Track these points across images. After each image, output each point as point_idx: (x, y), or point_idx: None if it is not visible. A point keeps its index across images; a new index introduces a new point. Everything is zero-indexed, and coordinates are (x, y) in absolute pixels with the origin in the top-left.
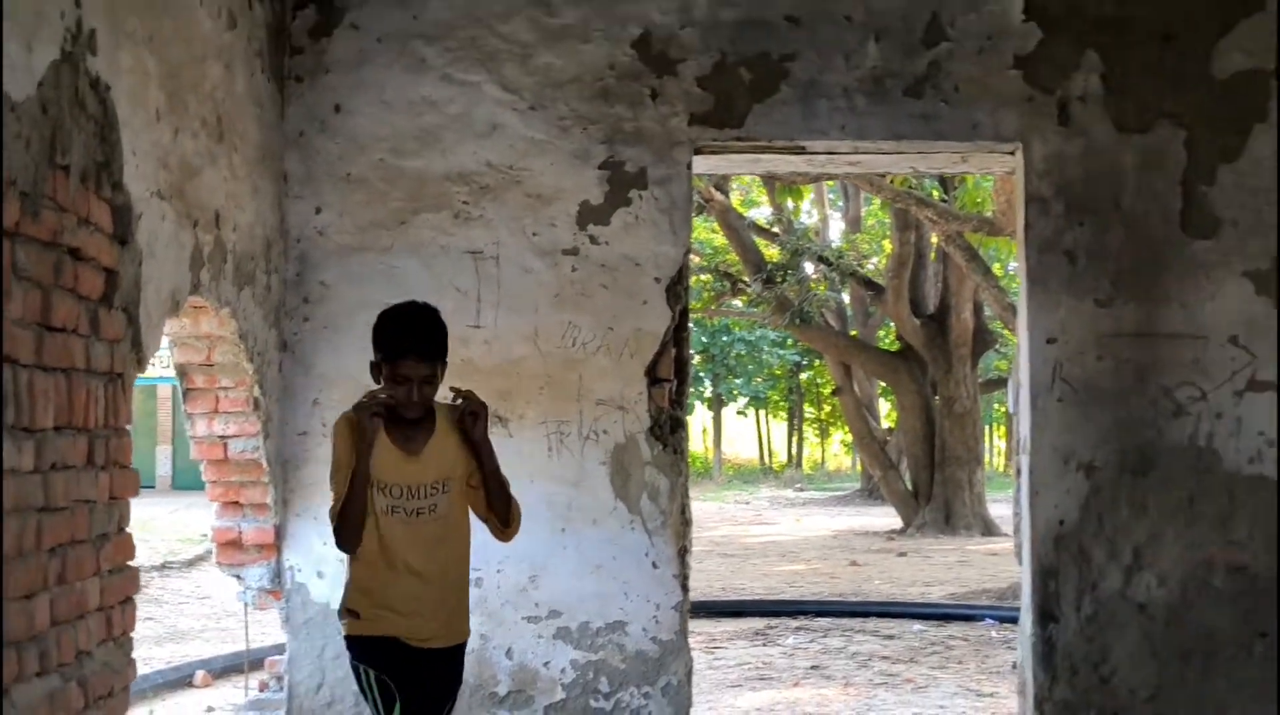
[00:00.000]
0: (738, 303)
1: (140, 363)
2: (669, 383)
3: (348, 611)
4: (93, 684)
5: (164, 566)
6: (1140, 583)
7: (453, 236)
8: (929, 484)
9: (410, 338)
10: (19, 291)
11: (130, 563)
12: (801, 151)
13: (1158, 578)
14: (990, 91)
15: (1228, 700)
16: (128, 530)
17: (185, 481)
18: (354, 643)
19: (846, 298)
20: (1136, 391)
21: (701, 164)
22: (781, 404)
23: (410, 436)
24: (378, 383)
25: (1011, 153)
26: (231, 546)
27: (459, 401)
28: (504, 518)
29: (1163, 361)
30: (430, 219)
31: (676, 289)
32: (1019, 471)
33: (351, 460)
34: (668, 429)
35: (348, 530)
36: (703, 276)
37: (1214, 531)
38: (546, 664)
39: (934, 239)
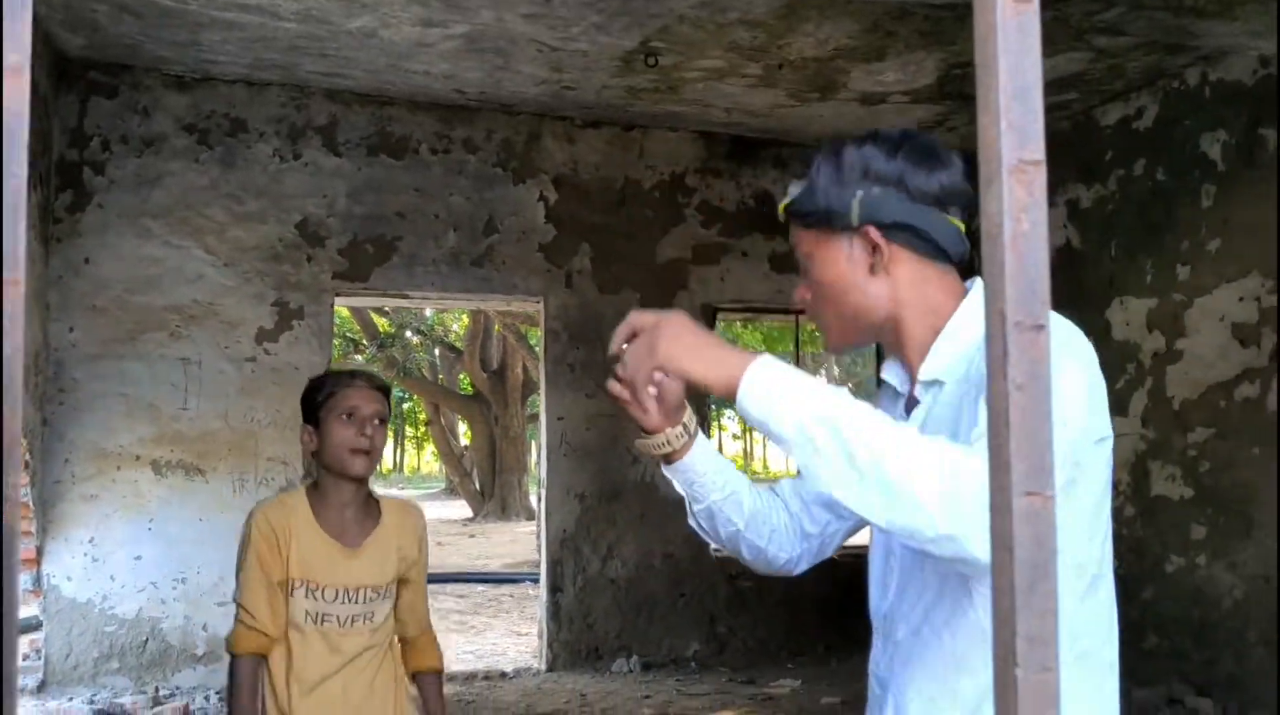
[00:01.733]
0: (360, 358)
1: None
2: None
3: None
4: None
5: None
6: (612, 566)
7: (169, 348)
8: (492, 485)
9: (356, 372)
10: None
11: None
12: (407, 297)
13: (622, 563)
14: (524, 265)
15: (662, 635)
16: None
17: None
18: None
19: (437, 356)
20: (610, 449)
21: (341, 302)
22: (390, 426)
23: (347, 527)
24: (310, 464)
25: (538, 302)
26: None
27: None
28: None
29: (625, 431)
30: (153, 336)
31: None
32: (539, 499)
33: (270, 575)
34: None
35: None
36: (335, 339)
37: (655, 534)
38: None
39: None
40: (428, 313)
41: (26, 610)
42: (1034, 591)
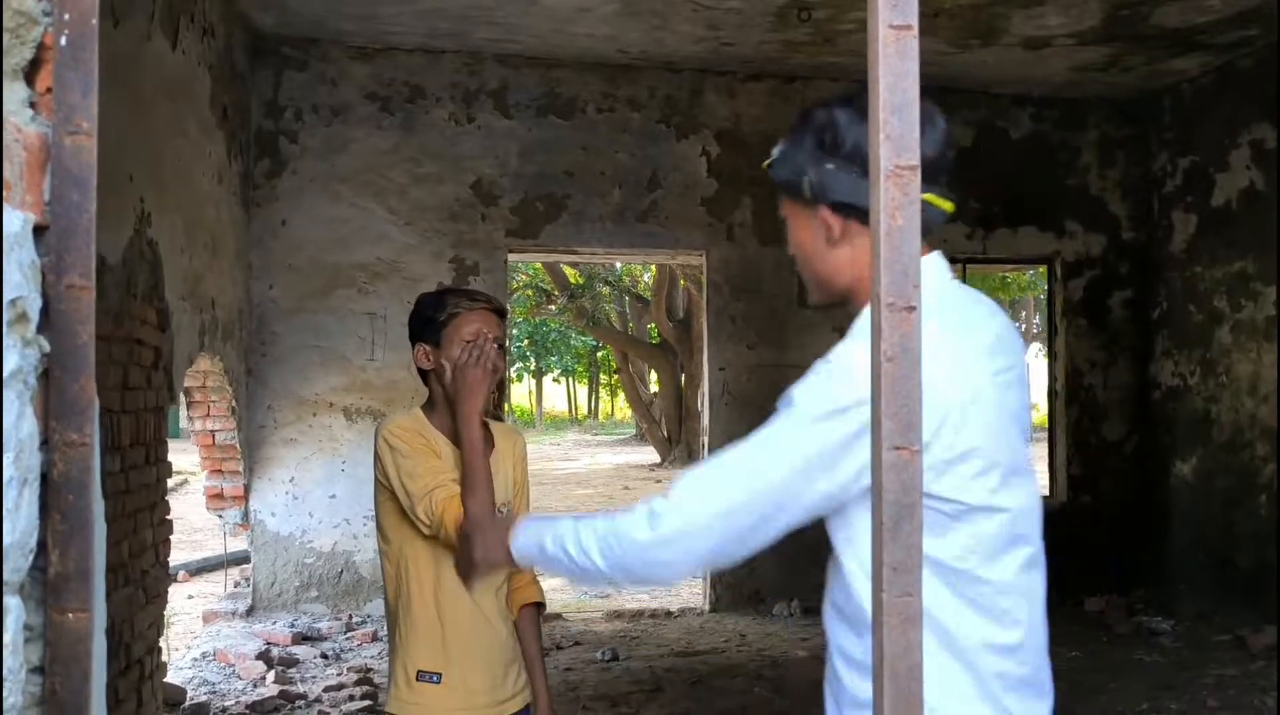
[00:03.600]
0: (552, 307)
1: (172, 399)
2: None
3: (424, 674)
4: (149, 589)
5: None
6: None
7: (356, 303)
8: (679, 432)
9: (474, 292)
10: (113, 369)
11: (168, 517)
12: (576, 253)
13: None
14: (687, 220)
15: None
16: (166, 498)
17: None
18: None
19: (626, 306)
20: (771, 399)
21: (513, 257)
22: (584, 374)
23: None
24: (428, 382)
25: (700, 256)
26: (217, 497)
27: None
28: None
29: (787, 381)
30: (342, 293)
31: None
32: (704, 446)
33: (431, 460)
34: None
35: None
36: (528, 290)
37: None
38: None
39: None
40: (616, 264)
41: (237, 543)
42: (899, 529)
